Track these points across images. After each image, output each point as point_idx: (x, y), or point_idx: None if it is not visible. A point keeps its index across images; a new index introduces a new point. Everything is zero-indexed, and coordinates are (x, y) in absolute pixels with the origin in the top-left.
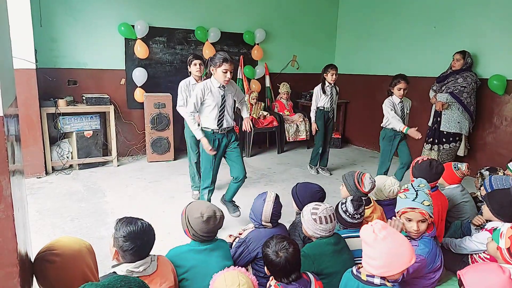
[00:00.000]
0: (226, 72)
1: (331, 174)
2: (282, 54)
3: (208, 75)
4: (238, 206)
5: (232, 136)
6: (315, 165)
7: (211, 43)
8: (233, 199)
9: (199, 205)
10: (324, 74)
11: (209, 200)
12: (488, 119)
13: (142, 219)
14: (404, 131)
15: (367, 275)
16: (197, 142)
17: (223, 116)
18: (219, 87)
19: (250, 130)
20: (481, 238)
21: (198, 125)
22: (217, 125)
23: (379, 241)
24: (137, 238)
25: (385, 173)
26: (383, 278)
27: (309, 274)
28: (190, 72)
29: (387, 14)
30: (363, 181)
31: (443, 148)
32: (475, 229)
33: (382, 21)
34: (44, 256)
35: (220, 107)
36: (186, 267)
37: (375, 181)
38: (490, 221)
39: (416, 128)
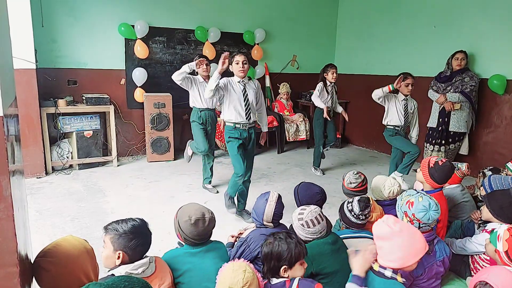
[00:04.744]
0: (238, 63)
1: (333, 174)
2: (282, 54)
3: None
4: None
5: (252, 133)
6: (319, 166)
7: (211, 43)
8: (246, 208)
9: (188, 208)
10: (324, 74)
11: (241, 187)
12: (488, 119)
13: (131, 218)
14: (391, 88)
15: (379, 266)
16: (206, 135)
17: (249, 108)
18: (238, 82)
19: (264, 143)
20: (481, 240)
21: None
22: (246, 118)
23: (396, 234)
24: (143, 232)
25: (419, 155)
26: (395, 272)
27: (295, 279)
28: (197, 72)
29: (387, 14)
30: (344, 178)
31: (449, 149)
32: (478, 229)
33: (382, 21)
34: (40, 262)
35: (244, 100)
36: (181, 271)
37: (363, 179)
38: (488, 222)
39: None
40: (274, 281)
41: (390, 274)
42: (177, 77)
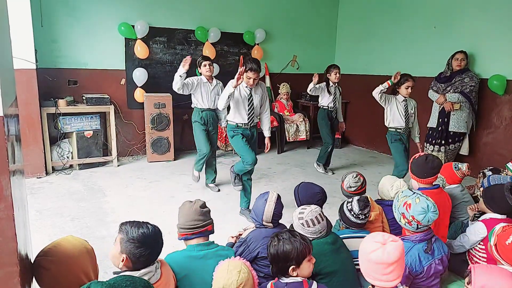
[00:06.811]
0: (250, 79)
1: (333, 173)
2: (282, 54)
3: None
4: None
5: (254, 131)
6: (323, 163)
7: (211, 43)
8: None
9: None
10: (328, 74)
11: (242, 177)
12: (488, 120)
13: (148, 222)
14: (390, 83)
15: None
16: (207, 136)
17: (253, 112)
18: (246, 86)
19: (268, 149)
20: (474, 229)
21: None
22: (248, 119)
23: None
24: (151, 243)
25: (406, 173)
26: None
27: (313, 282)
28: (200, 73)
29: (387, 14)
30: (343, 181)
31: (449, 149)
32: (471, 221)
33: (382, 21)
34: (41, 262)
35: (249, 105)
36: (181, 274)
37: (363, 181)
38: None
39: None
40: (286, 280)
41: None
42: (175, 87)
